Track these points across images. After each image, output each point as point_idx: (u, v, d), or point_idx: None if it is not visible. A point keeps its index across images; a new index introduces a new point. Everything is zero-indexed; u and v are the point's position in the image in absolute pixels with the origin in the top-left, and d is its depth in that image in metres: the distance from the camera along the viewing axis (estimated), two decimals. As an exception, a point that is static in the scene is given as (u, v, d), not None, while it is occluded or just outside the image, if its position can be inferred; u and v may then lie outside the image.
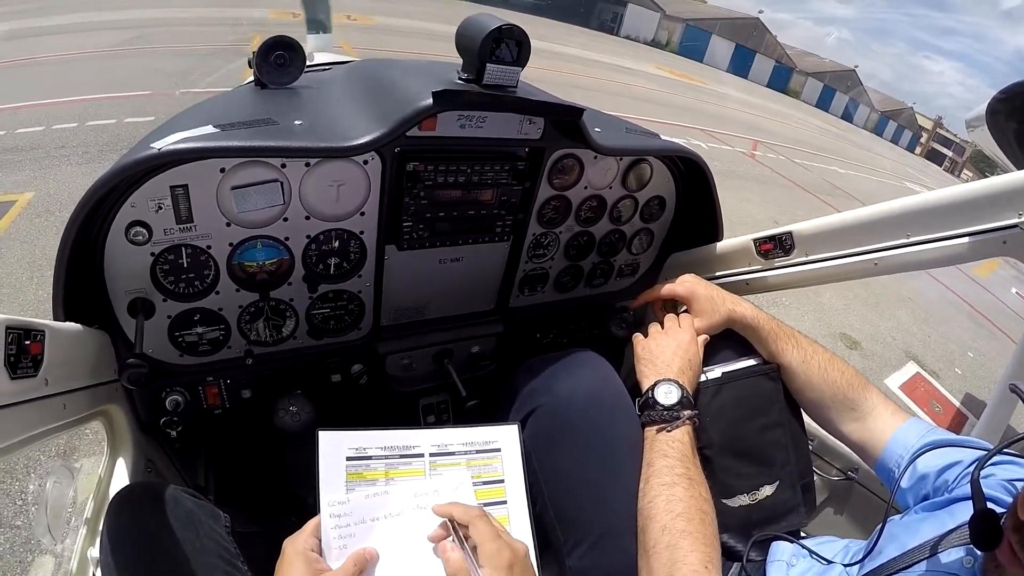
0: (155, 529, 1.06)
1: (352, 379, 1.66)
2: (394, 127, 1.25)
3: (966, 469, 1.09)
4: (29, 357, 0.95)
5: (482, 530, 0.99)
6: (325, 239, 1.43)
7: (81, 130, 7.11)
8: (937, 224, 1.40)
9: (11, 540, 2.55)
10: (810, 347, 1.43)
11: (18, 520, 2.65)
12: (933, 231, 1.41)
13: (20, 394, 0.94)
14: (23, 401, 0.95)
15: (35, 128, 7.02)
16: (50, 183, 5.71)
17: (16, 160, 6.18)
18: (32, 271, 4.37)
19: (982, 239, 1.33)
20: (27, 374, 0.95)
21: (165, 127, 1.28)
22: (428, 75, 1.41)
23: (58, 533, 1.28)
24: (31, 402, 0.98)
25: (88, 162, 6.23)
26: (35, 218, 5.10)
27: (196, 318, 1.40)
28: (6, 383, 0.89)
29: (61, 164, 6.16)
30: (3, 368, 0.89)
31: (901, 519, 1.12)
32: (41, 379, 0.99)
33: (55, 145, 6.61)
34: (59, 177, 5.85)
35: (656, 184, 1.87)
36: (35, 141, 6.68)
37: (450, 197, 1.50)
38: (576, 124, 1.44)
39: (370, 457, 1.19)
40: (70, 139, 6.81)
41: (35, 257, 4.53)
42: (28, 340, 0.95)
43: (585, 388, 1.35)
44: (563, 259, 1.89)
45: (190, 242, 1.29)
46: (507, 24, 1.23)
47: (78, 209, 1.12)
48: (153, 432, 1.48)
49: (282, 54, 1.50)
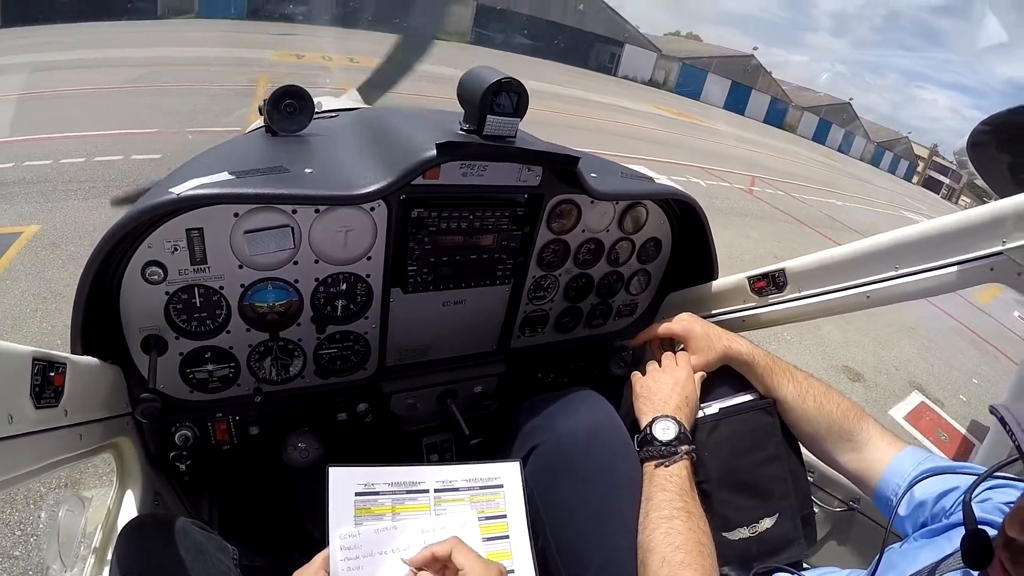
0: (164, 559, 1.08)
1: (358, 417, 1.69)
2: (400, 177, 1.31)
3: (963, 495, 1.09)
4: (52, 388, 0.99)
5: (464, 554, 1.02)
6: (333, 282, 1.48)
7: (88, 165, 7.18)
8: (925, 255, 1.44)
9: (9, 571, 2.54)
10: (805, 381, 1.45)
11: (16, 550, 2.64)
12: (921, 262, 1.45)
13: (42, 423, 0.97)
14: (45, 430, 0.98)
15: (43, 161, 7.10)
16: (56, 216, 5.75)
17: (23, 192, 6.24)
18: (36, 304, 4.37)
19: (970, 267, 1.37)
20: (49, 404, 0.98)
21: (182, 172, 1.33)
22: (432, 125, 1.46)
23: (68, 561, 1.30)
24: (52, 431, 1.01)
25: (95, 196, 6.29)
26: (40, 251, 5.13)
27: (207, 356, 1.43)
28: (31, 411, 0.93)
29: (68, 198, 6.21)
30: (29, 397, 0.92)
31: (900, 547, 1.13)
32: (61, 409, 1.02)
33: (62, 179, 6.67)
34: (65, 211, 5.90)
35: (652, 226, 1.91)
36: (42, 174, 6.75)
37: (453, 242, 1.55)
38: (573, 171, 1.50)
39: (378, 493, 1.22)
40: (77, 174, 6.88)
41: (39, 290, 4.54)
42: (52, 372, 0.99)
43: (585, 426, 1.38)
44: (563, 301, 1.93)
45: (203, 283, 1.33)
46: (506, 77, 1.29)
47: (98, 248, 1.16)
48: (162, 465, 1.50)
49: (292, 103, 1.56)
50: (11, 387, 0.89)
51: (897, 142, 62.07)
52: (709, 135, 24.78)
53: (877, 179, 38.72)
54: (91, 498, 1.42)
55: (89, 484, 2.86)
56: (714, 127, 28.86)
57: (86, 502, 1.40)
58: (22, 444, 0.91)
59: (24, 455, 0.93)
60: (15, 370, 0.90)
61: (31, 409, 0.93)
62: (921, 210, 25.44)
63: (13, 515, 2.79)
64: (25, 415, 0.91)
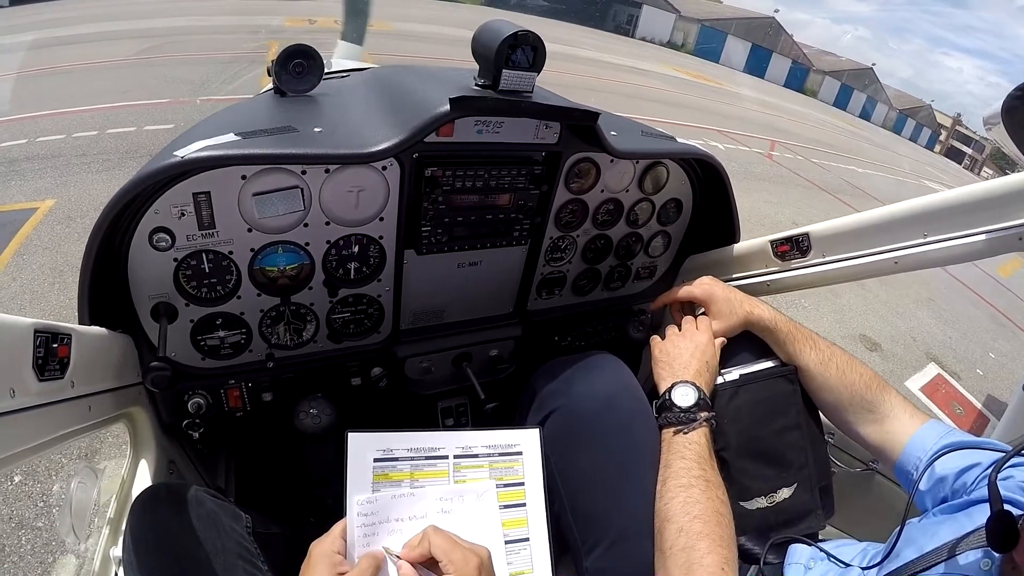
0: (177, 529, 1.08)
1: (372, 382, 1.68)
2: (412, 133, 1.27)
3: (984, 471, 1.08)
4: (56, 359, 0.97)
5: (440, 543, 1.00)
6: (345, 244, 1.45)
7: (102, 138, 7.22)
8: (954, 223, 1.40)
9: (32, 541, 2.60)
10: (828, 349, 1.42)
11: (39, 521, 2.69)
12: (950, 230, 1.41)
13: (47, 395, 0.95)
14: (50, 403, 0.97)
15: (56, 136, 7.14)
16: (71, 190, 5.80)
17: (37, 168, 6.29)
18: (54, 277, 4.44)
19: (998, 235, 1.33)
20: (54, 376, 0.96)
21: (187, 135, 1.30)
22: (445, 81, 1.43)
23: (81, 533, 1.30)
24: (58, 404, 1.00)
25: (109, 169, 6.33)
26: (56, 225, 5.18)
27: (218, 322, 1.42)
28: (34, 384, 0.91)
29: (82, 172, 6.25)
30: (32, 370, 0.91)
31: (919, 522, 1.11)
32: (67, 381, 1.01)
33: (76, 153, 6.71)
34: (80, 184, 5.95)
35: (673, 187, 1.87)
36: (56, 149, 6.79)
37: (468, 202, 1.51)
38: (592, 128, 1.45)
39: (396, 459, 1.21)
40: (91, 147, 6.91)
41: (56, 263, 4.60)
42: (56, 343, 0.97)
43: (602, 390, 1.36)
44: (580, 262, 1.90)
45: (212, 248, 1.32)
46: (523, 30, 1.24)
47: (103, 215, 1.14)
48: (175, 434, 1.50)
49: (300, 62, 1.52)
50: (12, 360, 0.87)
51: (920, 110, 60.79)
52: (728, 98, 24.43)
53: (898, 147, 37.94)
54: (104, 469, 1.42)
55: (108, 454, 2.91)
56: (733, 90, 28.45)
57: (99, 473, 1.41)
58: (26, 418, 0.89)
59: (29, 429, 0.92)
60: (16, 343, 0.89)
61: (34, 382, 0.91)
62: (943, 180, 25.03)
63: (35, 487, 2.85)
64: (28, 388, 0.90)
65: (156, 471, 1.41)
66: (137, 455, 1.41)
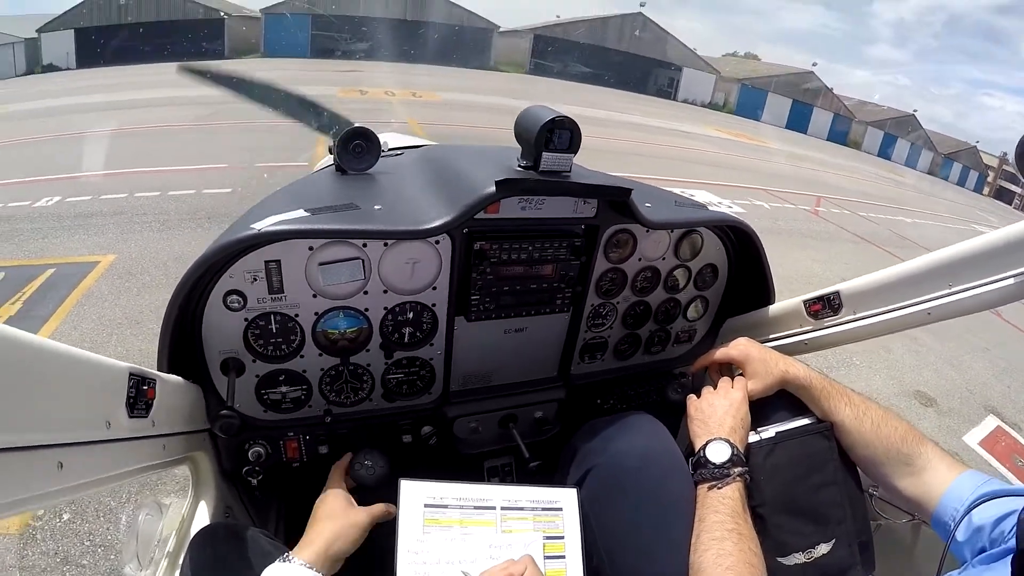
0: (234, 563, 1.17)
1: (422, 440, 1.76)
2: (462, 212, 1.39)
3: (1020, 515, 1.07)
4: (144, 400, 1.09)
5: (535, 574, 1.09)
6: (401, 310, 1.56)
7: (163, 199, 7.62)
8: (978, 270, 1.41)
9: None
10: (863, 404, 1.43)
11: (84, 559, 2.79)
12: (977, 278, 1.41)
13: (135, 431, 1.07)
14: (136, 437, 1.09)
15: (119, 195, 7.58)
16: (131, 247, 6.13)
17: (100, 224, 6.67)
18: (112, 329, 4.67)
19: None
20: (141, 415, 1.08)
21: (261, 208, 1.44)
22: (492, 162, 1.54)
23: (144, 562, 1.40)
24: (142, 439, 1.12)
25: (168, 229, 6.67)
26: (116, 279, 5.48)
27: (281, 378, 1.53)
28: (125, 420, 1.03)
29: (143, 230, 6.61)
30: (125, 407, 1.03)
31: (959, 574, 1.11)
32: (150, 420, 1.12)
33: (137, 212, 7.10)
34: (140, 242, 6.28)
35: (708, 253, 1.93)
36: (119, 207, 7.20)
37: (514, 272, 1.61)
38: (625, 203, 1.55)
39: (446, 506, 1.30)
40: (151, 207, 7.31)
41: (115, 316, 4.85)
42: (145, 386, 1.09)
43: (638, 448, 1.41)
44: (621, 328, 1.96)
45: (280, 310, 1.44)
46: (559, 116, 1.37)
47: (186, 277, 1.27)
48: (234, 480, 1.60)
49: (360, 143, 1.67)
50: (110, 397, 1.00)
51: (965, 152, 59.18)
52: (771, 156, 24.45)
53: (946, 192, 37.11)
54: (169, 505, 1.52)
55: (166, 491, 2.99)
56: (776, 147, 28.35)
57: (164, 508, 1.50)
58: (117, 448, 1.01)
59: (118, 458, 1.03)
60: (114, 382, 1.01)
61: (125, 418, 1.03)
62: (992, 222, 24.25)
63: (83, 526, 2.96)
64: (120, 423, 1.01)
65: (214, 513, 1.50)
66: (198, 496, 1.51)
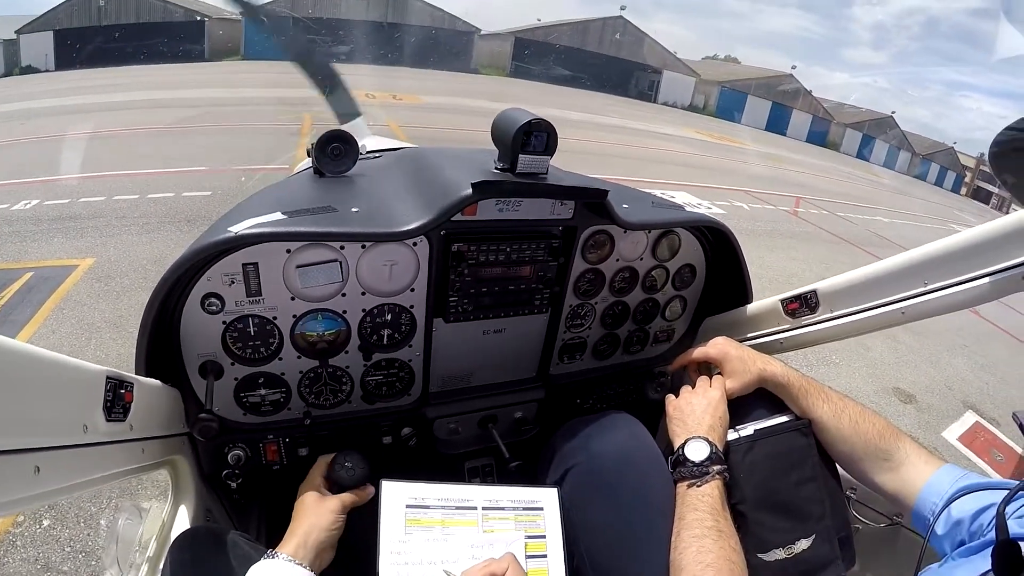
0: (215, 568, 1.15)
1: (402, 441, 1.75)
2: (439, 214, 1.39)
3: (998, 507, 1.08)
4: (121, 404, 1.08)
5: (517, 573, 1.11)
6: (379, 312, 1.56)
7: (142, 201, 7.53)
8: (955, 269, 1.43)
9: (58, 585, 2.64)
10: (840, 401, 1.45)
11: (65, 565, 2.75)
12: (951, 276, 1.44)
13: (112, 435, 1.06)
14: (114, 441, 1.08)
15: (98, 198, 7.48)
16: (111, 250, 6.06)
17: (79, 227, 6.58)
18: (91, 333, 4.61)
19: (1002, 277, 1.36)
20: (118, 419, 1.07)
21: (238, 211, 1.43)
22: (468, 164, 1.54)
23: (124, 567, 1.39)
24: (119, 443, 1.10)
25: (147, 232, 6.59)
26: (95, 283, 5.40)
27: (260, 381, 1.52)
28: (103, 424, 1.02)
29: (122, 233, 6.53)
30: (102, 411, 1.02)
31: (939, 567, 1.12)
32: (128, 424, 1.11)
33: (116, 215, 7.01)
34: (119, 245, 6.20)
35: (686, 253, 1.95)
36: (97, 210, 7.11)
37: (492, 274, 1.61)
38: (602, 204, 1.56)
39: (428, 506, 1.31)
40: (130, 210, 7.22)
41: (93, 320, 4.79)
42: (122, 389, 1.09)
43: (618, 447, 1.42)
44: (600, 328, 1.97)
45: (258, 313, 1.43)
46: (536, 118, 1.38)
47: (163, 280, 1.27)
48: (214, 483, 1.59)
49: (338, 146, 1.67)
50: (87, 400, 0.99)
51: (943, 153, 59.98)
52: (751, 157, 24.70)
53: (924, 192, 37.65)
54: (148, 509, 1.50)
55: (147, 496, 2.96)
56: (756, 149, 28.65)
57: (143, 513, 1.49)
58: (94, 452, 1.00)
59: (96, 462, 1.02)
60: (91, 385, 1.00)
61: (103, 421, 1.02)
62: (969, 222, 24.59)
63: (64, 532, 2.92)
64: (98, 427, 1.00)
65: (194, 517, 1.48)
66: (177, 500, 1.49)
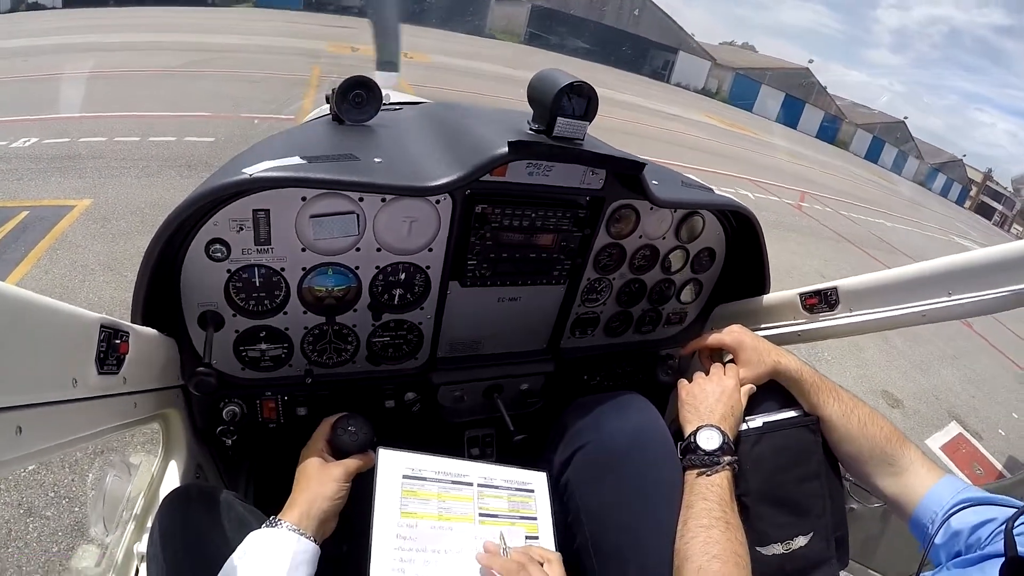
0: (205, 529, 1.11)
1: (405, 406, 1.71)
2: (470, 172, 1.32)
3: (1000, 526, 1.08)
4: (116, 355, 1.01)
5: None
6: (393, 271, 1.50)
7: (143, 144, 7.40)
8: (978, 283, 1.42)
9: (39, 529, 2.63)
10: (851, 401, 1.43)
11: (48, 511, 2.72)
12: (974, 290, 1.43)
13: (103, 388, 0.99)
14: (105, 396, 1.01)
15: (98, 138, 7.34)
16: (109, 192, 5.95)
17: (78, 167, 6.46)
18: (85, 275, 4.53)
19: (1020, 289, 1.35)
20: (111, 371, 1.01)
21: (252, 153, 1.36)
22: (501, 124, 1.48)
23: (110, 524, 1.34)
24: (111, 397, 1.04)
25: (147, 176, 6.48)
26: (91, 224, 5.31)
27: (262, 335, 1.46)
28: (94, 377, 0.95)
29: (121, 175, 6.42)
30: (94, 363, 0.95)
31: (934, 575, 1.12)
32: (121, 377, 1.04)
33: (116, 156, 6.89)
34: (118, 187, 6.09)
35: (707, 236, 1.91)
36: (98, 151, 6.98)
37: (513, 239, 1.56)
38: (636, 177, 1.50)
39: (425, 478, 1.28)
40: (132, 152, 7.10)
41: (88, 262, 4.70)
42: (117, 339, 1.02)
43: (630, 428, 1.39)
44: (615, 305, 1.94)
45: (265, 263, 1.36)
46: (578, 81, 1.30)
47: (167, 222, 1.19)
48: (207, 439, 1.54)
49: (360, 93, 1.58)
50: (78, 352, 0.91)
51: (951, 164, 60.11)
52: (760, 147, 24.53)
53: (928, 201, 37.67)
54: (138, 465, 1.45)
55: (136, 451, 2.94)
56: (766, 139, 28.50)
57: (132, 469, 1.44)
58: (83, 408, 0.93)
59: (84, 419, 0.95)
60: (83, 335, 0.93)
61: (94, 375, 0.95)
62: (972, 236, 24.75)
63: (48, 476, 2.88)
64: (88, 381, 0.93)
65: (185, 473, 1.44)
66: (168, 456, 1.45)
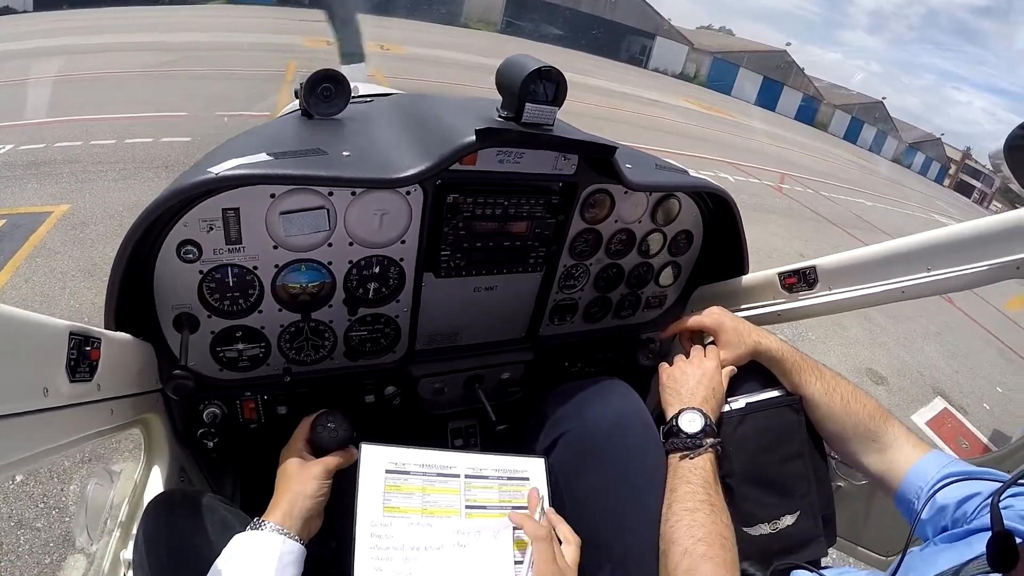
0: (190, 534, 1.10)
1: (385, 400, 1.70)
2: (438, 161, 1.31)
3: (985, 500, 1.09)
4: (87, 362, 1.00)
5: (542, 552, 1.12)
6: (366, 264, 1.48)
7: (119, 147, 7.29)
8: (957, 257, 1.43)
9: (31, 541, 2.61)
10: (833, 379, 1.43)
11: (39, 522, 2.69)
12: (954, 264, 1.44)
13: (77, 396, 0.98)
14: (79, 404, 0.99)
15: (74, 143, 7.22)
16: (86, 197, 5.86)
17: (54, 172, 6.35)
18: (64, 282, 4.47)
19: (999, 264, 1.37)
20: (84, 378, 0.99)
21: (219, 152, 1.33)
22: (470, 112, 1.46)
23: (95, 533, 1.33)
24: (85, 405, 1.02)
25: (125, 178, 6.39)
26: (70, 230, 5.23)
27: (238, 335, 1.45)
28: (66, 385, 0.94)
29: (98, 179, 6.32)
30: (65, 371, 0.93)
31: (921, 551, 1.12)
32: (95, 384, 1.03)
33: (93, 160, 6.78)
34: (95, 192, 6.00)
35: (684, 219, 1.90)
36: (74, 155, 6.87)
37: (487, 228, 1.54)
38: (608, 161, 1.49)
39: (408, 472, 1.26)
40: (108, 155, 6.99)
41: (67, 268, 4.64)
42: (88, 346, 1.00)
43: (612, 414, 1.39)
44: (592, 290, 1.93)
45: (238, 262, 1.34)
46: (546, 66, 1.28)
47: (135, 225, 1.17)
48: (188, 443, 1.52)
49: (328, 87, 1.56)
50: (48, 360, 0.90)
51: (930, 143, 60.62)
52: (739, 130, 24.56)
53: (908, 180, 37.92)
54: (120, 472, 1.44)
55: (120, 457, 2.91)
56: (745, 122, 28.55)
57: (115, 476, 1.43)
58: (57, 417, 0.92)
59: (58, 428, 0.94)
60: (52, 344, 0.91)
61: (65, 383, 0.94)
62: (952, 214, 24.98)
63: (37, 488, 2.85)
64: (60, 389, 0.92)
65: (168, 478, 1.43)
66: (150, 461, 1.44)
